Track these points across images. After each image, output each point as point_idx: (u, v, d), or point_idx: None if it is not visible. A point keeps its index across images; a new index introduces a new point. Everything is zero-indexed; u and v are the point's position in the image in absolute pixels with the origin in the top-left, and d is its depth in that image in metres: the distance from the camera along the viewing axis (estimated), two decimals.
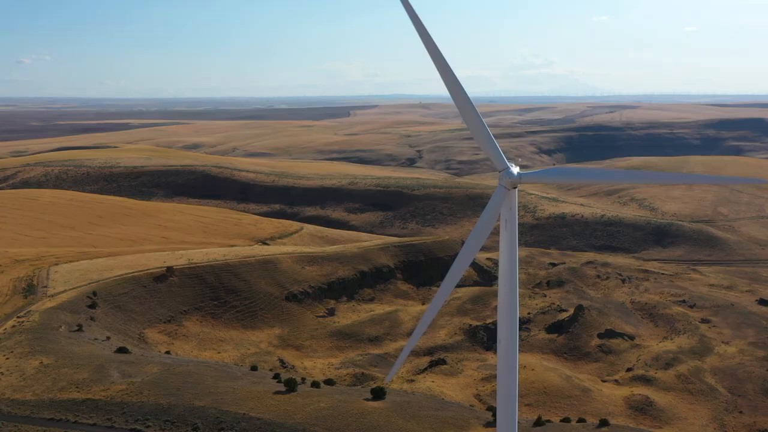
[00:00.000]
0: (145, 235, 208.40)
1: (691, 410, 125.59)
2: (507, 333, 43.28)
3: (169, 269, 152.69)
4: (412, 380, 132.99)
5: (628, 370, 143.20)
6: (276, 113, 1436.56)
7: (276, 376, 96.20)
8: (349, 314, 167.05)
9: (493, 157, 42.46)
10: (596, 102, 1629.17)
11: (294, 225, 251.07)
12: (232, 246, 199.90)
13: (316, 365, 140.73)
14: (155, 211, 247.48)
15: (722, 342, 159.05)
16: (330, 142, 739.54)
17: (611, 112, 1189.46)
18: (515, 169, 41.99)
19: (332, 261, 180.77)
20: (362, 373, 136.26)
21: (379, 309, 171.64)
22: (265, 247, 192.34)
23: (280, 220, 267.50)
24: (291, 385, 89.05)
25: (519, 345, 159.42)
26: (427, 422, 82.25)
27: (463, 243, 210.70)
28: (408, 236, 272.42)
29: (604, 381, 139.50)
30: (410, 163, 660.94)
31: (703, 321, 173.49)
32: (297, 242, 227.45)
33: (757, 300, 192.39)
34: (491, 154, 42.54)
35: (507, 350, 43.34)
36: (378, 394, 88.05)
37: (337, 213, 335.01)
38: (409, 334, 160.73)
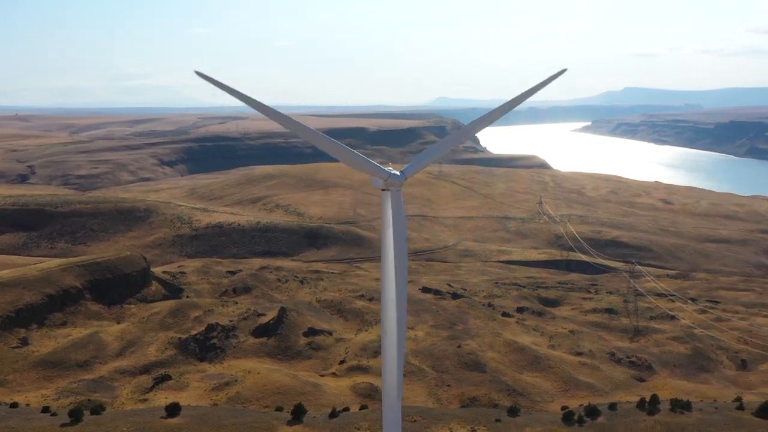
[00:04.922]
0: None
1: (409, 389, 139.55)
2: (395, 326, 44.67)
3: None
4: (145, 399, 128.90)
5: (342, 362, 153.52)
6: None
7: (46, 409, 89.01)
8: (46, 341, 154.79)
9: (373, 171, 43.74)
10: (206, 113, 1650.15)
11: None
12: None
13: (29, 400, 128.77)
14: None
15: (409, 328, 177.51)
16: None
17: (223, 122, 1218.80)
18: (395, 171, 43.33)
19: (14, 286, 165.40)
20: (88, 400, 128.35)
21: (75, 333, 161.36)
22: None
23: None
24: (77, 415, 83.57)
25: (232, 352, 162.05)
26: (237, 430, 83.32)
27: (145, 259, 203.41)
28: (59, 257, 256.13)
29: (322, 375, 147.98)
30: (22, 179, 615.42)
31: None
32: None
33: (420, 288, 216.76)
34: (370, 169, 43.85)
35: (396, 345, 44.77)
36: (173, 410, 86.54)
37: None
38: (118, 354, 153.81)
